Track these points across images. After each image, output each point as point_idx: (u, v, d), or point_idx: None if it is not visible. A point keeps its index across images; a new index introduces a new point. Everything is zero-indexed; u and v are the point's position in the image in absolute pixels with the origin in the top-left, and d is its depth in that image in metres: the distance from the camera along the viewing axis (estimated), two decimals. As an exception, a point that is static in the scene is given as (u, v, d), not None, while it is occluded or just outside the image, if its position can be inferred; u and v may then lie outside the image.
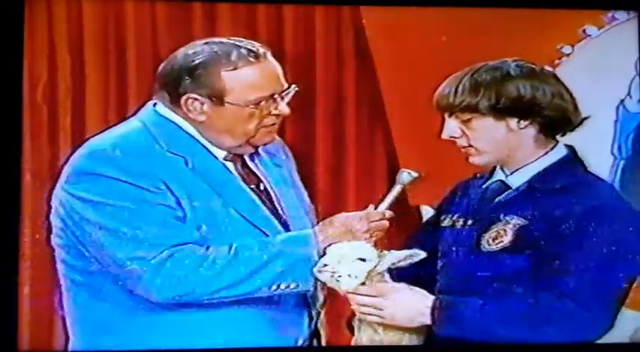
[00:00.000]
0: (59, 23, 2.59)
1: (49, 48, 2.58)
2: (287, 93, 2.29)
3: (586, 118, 2.37)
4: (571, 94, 2.35)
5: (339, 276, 2.25)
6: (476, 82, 2.30)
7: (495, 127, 2.31)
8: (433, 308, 2.25)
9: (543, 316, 2.23)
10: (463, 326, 2.24)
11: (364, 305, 2.26)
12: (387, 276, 2.29)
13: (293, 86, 2.31)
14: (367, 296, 2.26)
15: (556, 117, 2.32)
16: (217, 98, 2.24)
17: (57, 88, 2.59)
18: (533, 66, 2.36)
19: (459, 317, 2.24)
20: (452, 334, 2.25)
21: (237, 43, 2.28)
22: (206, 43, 2.28)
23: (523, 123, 2.31)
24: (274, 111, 2.28)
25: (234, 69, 2.24)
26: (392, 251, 2.28)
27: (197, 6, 2.64)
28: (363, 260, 2.26)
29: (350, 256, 2.25)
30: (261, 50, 2.27)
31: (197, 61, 2.24)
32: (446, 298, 2.26)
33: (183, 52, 2.28)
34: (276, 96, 2.27)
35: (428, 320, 2.25)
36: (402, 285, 2.28)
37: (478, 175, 2.44)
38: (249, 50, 2.26)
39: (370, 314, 2.27)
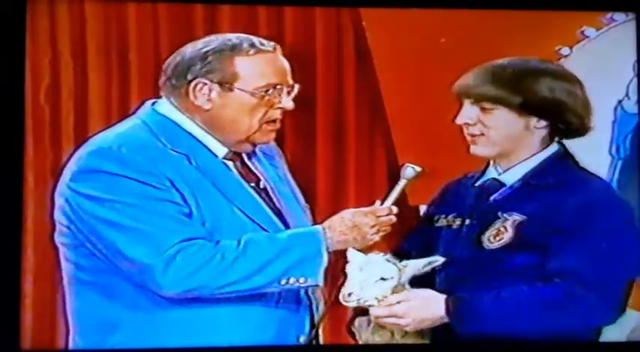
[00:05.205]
0: (61, 25, 2.60)
1: (52, 50, 2.59)
2: (292, 89, 2.32)
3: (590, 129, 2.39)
4: (590, 104, 2.37)
5: (366, 302, 2.25)
6: (516, 76, 2.32)
7: (515, 123, 2.33)
8: (447, 308, 2.26)
9: (555, 302, 2.24)
10: (480, 319, 2.25)
11: (386, 318, 2.27)
12: (407, 286, 2.29)
13: (297, 85, 2.34)
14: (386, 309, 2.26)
15: (574, 124, 2.34)
16: (227, 83, 2.27)
17: (59, 89, 2.60)
18: (569, 71, 2.40)
19: (476, 311, 2.25)
20: (472, 329, 2.25)
21: (250, 36, 2.32)
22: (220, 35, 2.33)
23: (542, 123, 2.33)
24: (278, 105, 2.30)
25: (247, 55, 2.27)
26: (409, 262, 2.29)
27: (198, 8, 2.65)
28: (385, 279, 2.26)
29: (369, 279, 2.25)
30: (272, 43, 2.31)
31: (210, 47, 2.28)
32: (456, 295, 2.27)
33: (193, 44, 2.31)
34: (281, 87, 2.30)
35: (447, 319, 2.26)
36: (414, 291, 2.27)
37: (468, 175, 2.45)
38: (261, 42, 2.30)
39: (393, 324, 2.28)
